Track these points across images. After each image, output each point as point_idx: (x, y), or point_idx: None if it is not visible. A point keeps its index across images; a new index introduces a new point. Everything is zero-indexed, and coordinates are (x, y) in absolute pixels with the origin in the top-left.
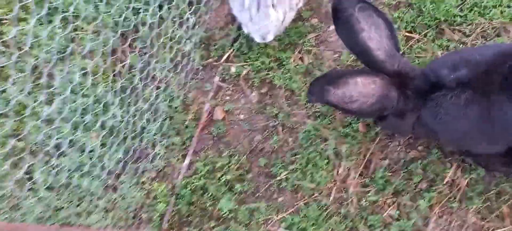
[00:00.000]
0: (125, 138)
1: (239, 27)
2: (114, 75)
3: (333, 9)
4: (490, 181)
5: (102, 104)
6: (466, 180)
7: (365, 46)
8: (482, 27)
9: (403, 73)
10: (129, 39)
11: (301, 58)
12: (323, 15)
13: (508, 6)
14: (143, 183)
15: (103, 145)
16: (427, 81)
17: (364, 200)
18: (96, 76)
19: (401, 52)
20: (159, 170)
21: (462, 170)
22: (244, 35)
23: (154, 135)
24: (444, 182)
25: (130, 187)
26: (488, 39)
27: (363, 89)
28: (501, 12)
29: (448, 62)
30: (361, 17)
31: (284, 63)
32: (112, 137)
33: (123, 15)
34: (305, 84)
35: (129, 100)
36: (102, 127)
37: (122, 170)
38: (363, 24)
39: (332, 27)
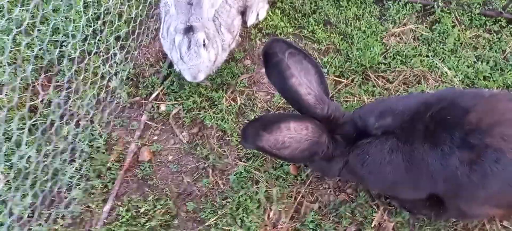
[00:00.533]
0: (37, 180)
1: (171, 65)
2: (30, 111)
3: (263, 54)
4: (414, 224)
5: (11, 142)
6: (393, 224)
7: (295, 91)
8: (404, 75)
9: (333, 118)
10: (50, 73)
11: (234, 99)
12: (256, 56)
13: (427, 56)
14: (56, 230)
15: (10, 187)
16: (355, 128)
17: None
18: (6, 111)
19: (330, 96)
20: (76, 216)
21: (388, 213)
22: (175, 73)
23: (71, 178)
24: (372, 226)
25: None
26: (409, 86)
27: (295, 134)
28: (421, 61)
29: (375, 110)
30: (291, 62)
31: (216, 103)
32: (22, 178)
33: (44, 46)
34: (238, 125)
35: (42, 140)
36: (10, 167)
37: (32, 216)
38: (293, 70)
39: None
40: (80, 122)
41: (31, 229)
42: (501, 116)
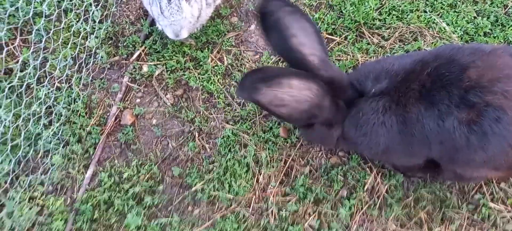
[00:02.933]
0: (14, 147)
1: (152, 23)
2: (5, 74)
3: (259, 13)
4: (408, 187)
5: None
6: (386, 187)
7: (298, 52)
8: (400, 31)
9: (336, 81)
10: (24, 33)
11: (220, 59)
12: (243, 13)
13: (425, 11)
14: (33, 198)
15: None
16: (355, 92)
17: (284, 210)
18: None
19: None
20: (56, 182)
21: (381, 176)
22: (157, 32)
23: (49, 142)
24: (365, 189)
25: (19, 203)
26: (406, 43)
27: (297, 93)
28: (418, 17)
29: (371, 73)
30: (289, 21)
31: (201, 63)
32: None
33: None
34: (224, 86)
35: (17, 102)
36: None
37: (10, 184)
38: (293, 29)
39: (253, 26)
40: (55, 83)
41: (11, 196)
42: (502, 71)
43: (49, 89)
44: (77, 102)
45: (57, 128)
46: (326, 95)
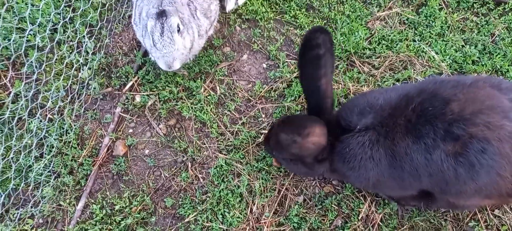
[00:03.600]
0: (4, 180)
1: (145, 53)
2: None
3: (305, 41)
4: (403, 215)
5: None
6: (380, 215)
7: (323, 92)
8: (390, 60)
9: (333, 122)
10: (16, 65)
11: (213, 88)
12: (235, 43)
13: (414, 40)
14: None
15: None
16: (340, 127)
17: None
18: None
19: None
20: (47, 215)
21: (376, 204)
22: (150, 62)
23: (39, 175)
24: (359, 218)
25: None
26: (396, 72)
27: (317, 140)
28: (407, 46)
29: (355, 108)
30: (326, 60)
31: (194, 93)
32: None
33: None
34: (217, 115)
35: (8, 135)
36: None
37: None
38: (326, 69)
39: (245, 56)
40: (47, 115)
41: None
42: (483, 103)
43: (40, 121)
44: (69, 133)
45: (48, 159)
46: (327, 136)
